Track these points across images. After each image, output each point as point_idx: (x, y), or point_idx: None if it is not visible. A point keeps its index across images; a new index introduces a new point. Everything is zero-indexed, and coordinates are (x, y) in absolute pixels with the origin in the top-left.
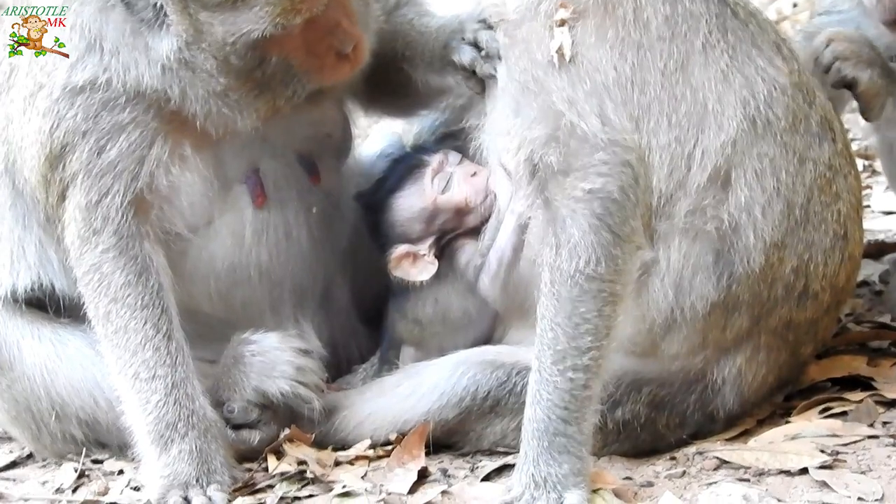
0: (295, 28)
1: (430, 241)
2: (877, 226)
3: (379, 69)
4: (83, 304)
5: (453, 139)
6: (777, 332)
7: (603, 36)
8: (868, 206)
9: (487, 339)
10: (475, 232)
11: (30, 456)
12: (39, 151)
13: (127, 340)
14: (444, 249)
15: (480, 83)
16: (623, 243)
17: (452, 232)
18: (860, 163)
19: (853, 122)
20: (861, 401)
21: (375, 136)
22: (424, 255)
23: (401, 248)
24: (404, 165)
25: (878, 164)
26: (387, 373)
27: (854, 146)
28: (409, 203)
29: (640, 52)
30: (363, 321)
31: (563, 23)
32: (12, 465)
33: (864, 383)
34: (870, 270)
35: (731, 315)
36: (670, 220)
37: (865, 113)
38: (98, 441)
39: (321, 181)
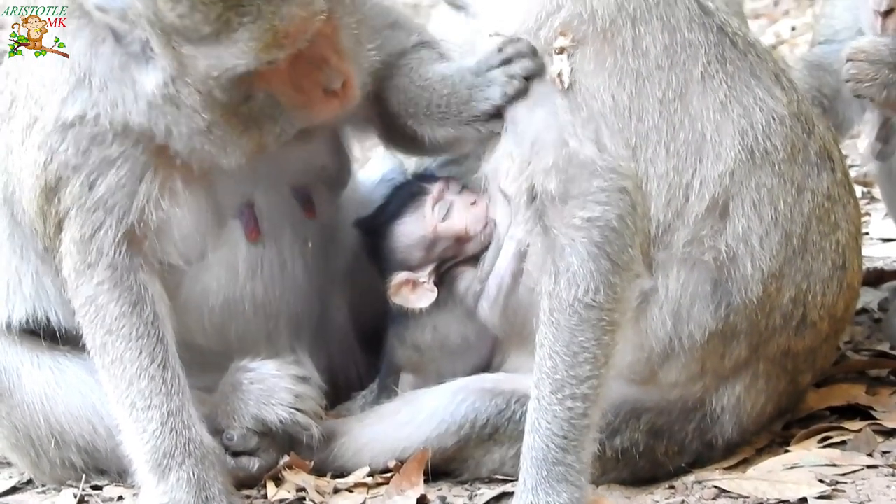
0: (280, 63)
1: (429, 268)
2: (875, 253)
3: (385, 117)
4: (80, 334)
5: (455, 165)
6: (776, 361)
7: (601, 64)
8: (867, 233)
9: (486, 366)
10: (475, 259)
11: (29, 482)
12: (35, 184)
13: (123, 371)
14: (444, 277)
15: (500, 124)
16: (622, 271)
17: (452, 259)
18: (859, 189)
19: (852, 147)
20: (860, 430)
21: (376, 160)
22: (424, 282)
23: (400, 276)
24: (405, 192)
25: (876, 191)
26: (385, 400)
27: (853, 172)
28: (410, 230)
29: (638, 81)
30: (362, 346)
31: (562, 50)
32: (12, 490)
33: (863, 412)
34: (869, 298)
35: (730, 344)
36: (668, 250)
37: None
38: (97, 468)
39: (316, 215)
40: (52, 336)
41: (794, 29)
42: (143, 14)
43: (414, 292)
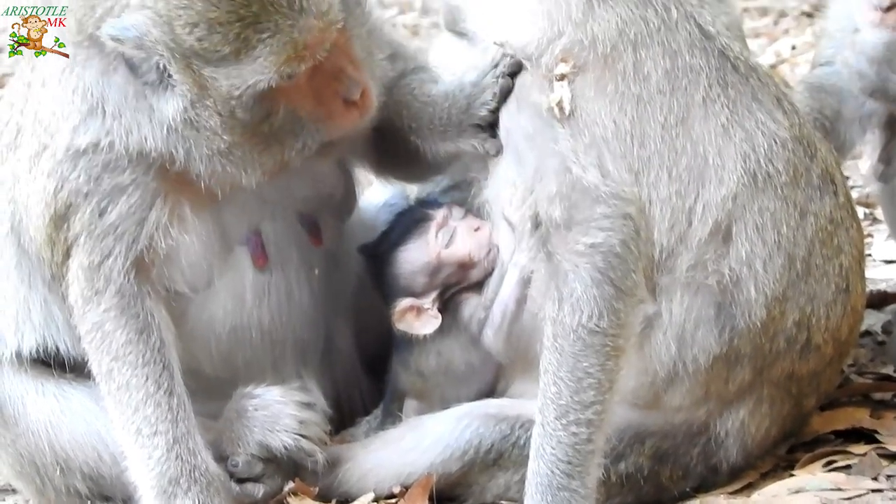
0: (300, 76)
1: (433, 294)
2: (878, 275)
3: (385, 140)
4: (87, 361)
5: (457, 191)
6: (780, 385)
7: (603, 89)
8: (869, 255)
9: (490, 392)
10: (479, 285)
11: None
12: (44, 211)
13: (129, 397)
14: (448, 303)
15: (498, 144)
16: (625, 297)
17: (456, 285)
18: (861, 211)
19: (854, 168)
20: (865, 454)
21: (378, 185)
22: (428, 308)
23: (404, 302)
24: (408, 219)
25: (879, 213)
26: (390, 425)
27: (855, 194)
28: (413, 257)
29: (639, 106)
30: (366, 372)
31: (562, 77)
32: None
33: (867, 436)
34: (872, 321)
35: (734, 368)
36: (672, 274)
37: None
38: (102, 495)
39: (323, 242)
40: (62, 365)
41: (794, 48)
42: (161, 41)
43: (418, 318)
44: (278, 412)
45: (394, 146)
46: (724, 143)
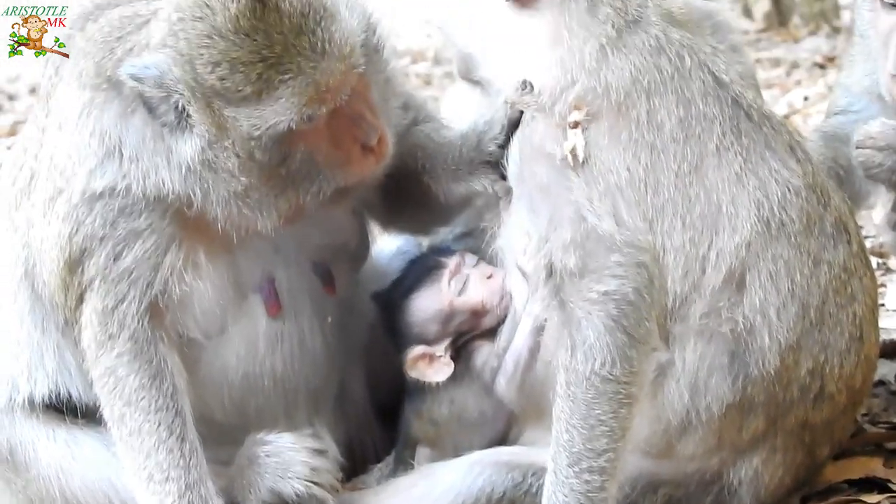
0: (320, 119)
1: (446, 342)
2: (892, 324)
3: (398, 185)
4: (99, 406)
5: (470, 238)
6: (793, 433)
7: (616, 137)
8: (882, 305)
9: (503, 440)
10: (491, 333)
11: None
12: (59, 255)
13: (141, 443)
14: (461, 350)
15: (507, 187)
16: (638, 345)
17: (469, 333)
18: (874, 260)
19: (867, 218)
20: (878, 503)
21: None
22: (441, 356)
23: (417, 350)
24: (421, 266)
25: (892, 262)
26: (402, 472)
27: (868, 243)
28: (426, 305)
29: (653, 154)
30: (379, 418)
31: (576, 125)
32: None
33: (880, 485)
34: (886, 370)
35: (747, 416)
36: (685, 322)
37: None
38: None
39: (336, 291)
40: (73, 411)
41: (806, 99)
42: (182, 80)
43: (430, 366)
44: (290, 459)
45: (406, 191)
46: (737, 190)
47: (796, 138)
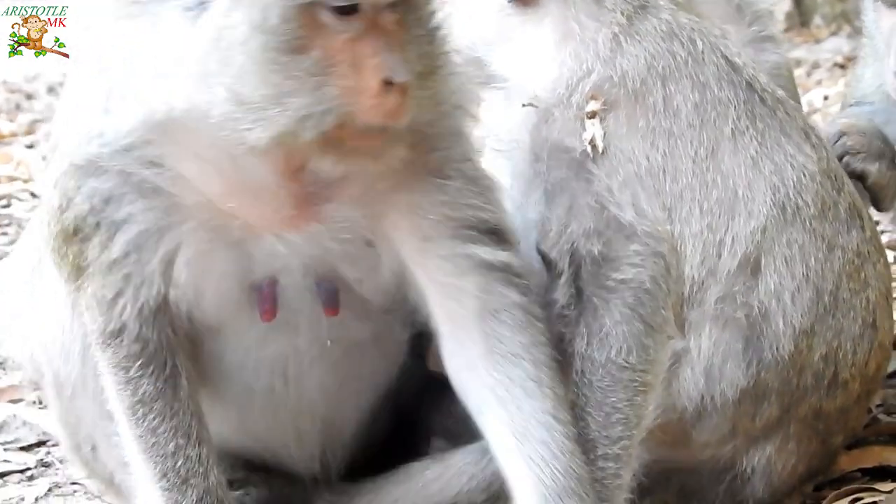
0: (351, 21)
1: None
2: None
3: None
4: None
5: None
6: (807, 422)
7: (634, 126)
8: None
9: None
10: None
11: None
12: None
13: (154, 443)
14: None
15: None
16: (654, 333)
17: None
18: (890, 255)
19: (883, 213)
20: (891, 491)
21: None
22: None
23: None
24: None
25: None
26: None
27: (884, 238)
28: None
29: (670, 140)
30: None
31: (593, 115)
32: None
33: (894, 473)
34: None
35: (761, 404)
36: (701, 307)
37: (876, 204)
38: None
39: (339, 314)
40: None
41: (826, 98)
42: None
43: None
44: None
45: None
46: (753, 175)
47: (809, 123)
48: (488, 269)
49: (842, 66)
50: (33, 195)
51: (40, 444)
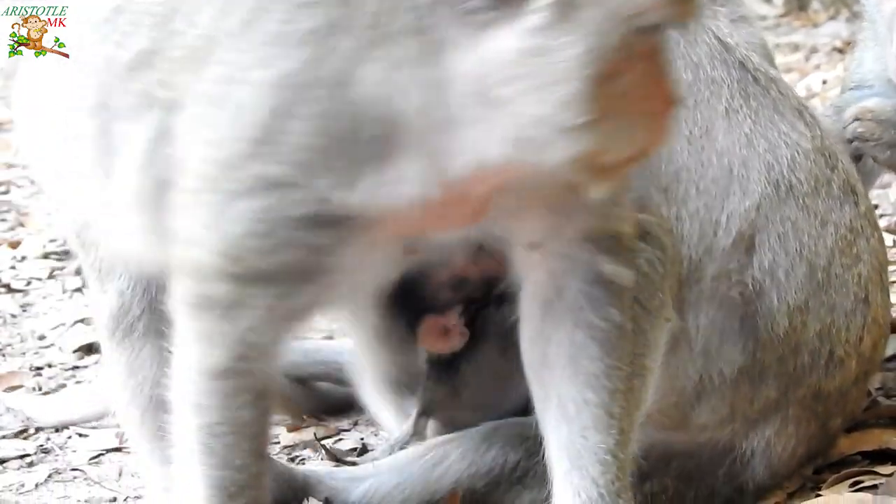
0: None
1: (458, 309)
2: None
3: None
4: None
5: None
6: (805, 404)
7: None
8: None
9: (524, 409)
10: (503, 300)
11: None
12: None
13: (213, 451)
14: (475, 318)
15: None
16: (652, 317)
17: (482, 300)
18: (889, 238)
19: (883, 197)
20: (892, 474)
21: None
22: (455, 324)
23: (429, 320)
24: None
25: None
26: (416, 442)
27: (883, 222)
28: (436, 270)
29: None
30: None
31: None
32: None
33: (894, 456)
34: None
35: (759, 386)
36: (698, 286)
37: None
38: None
39: None
40: None
41: (825, 83)
42: None
43: (444, 337)
44: None
45: None
46: (748, 153)
47: (803, 102)
48: (600, 281)
49: (840, 51)
50: (32, 182)
51: (39, 430)
